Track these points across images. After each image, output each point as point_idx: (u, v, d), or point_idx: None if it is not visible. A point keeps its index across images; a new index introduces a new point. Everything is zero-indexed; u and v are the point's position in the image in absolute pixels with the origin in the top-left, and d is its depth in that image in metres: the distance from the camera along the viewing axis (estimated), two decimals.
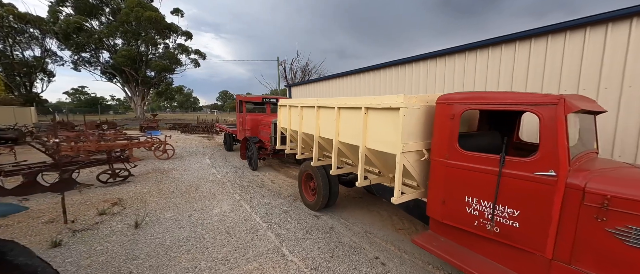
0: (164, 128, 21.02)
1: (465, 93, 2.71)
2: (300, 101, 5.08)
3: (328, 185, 4.70)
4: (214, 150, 11.63)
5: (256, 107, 9.62)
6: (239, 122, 9.60)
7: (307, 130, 4.88)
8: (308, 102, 4.83)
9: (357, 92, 10.24)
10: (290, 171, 7.99)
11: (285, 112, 5.78)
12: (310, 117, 4.75)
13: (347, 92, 10.66)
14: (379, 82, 9.59)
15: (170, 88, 37.38)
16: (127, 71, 31.01)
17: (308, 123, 4.84)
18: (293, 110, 5.40)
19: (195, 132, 18.30)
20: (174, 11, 34.07)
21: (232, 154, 10.65)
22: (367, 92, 9.97)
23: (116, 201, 4.82)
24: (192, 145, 12.69)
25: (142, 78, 31.90)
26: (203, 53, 35.37)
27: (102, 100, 78.05)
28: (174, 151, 9.19)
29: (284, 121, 5.89)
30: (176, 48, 34.35)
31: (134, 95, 33.20)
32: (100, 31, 30.18)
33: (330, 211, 4.86)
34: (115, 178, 5.89)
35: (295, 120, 5.28)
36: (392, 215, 4.85)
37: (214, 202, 4.95)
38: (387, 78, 9.32)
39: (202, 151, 11.19)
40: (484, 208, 2.48)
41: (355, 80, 10.40)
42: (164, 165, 8.07)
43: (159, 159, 8.84)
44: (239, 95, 9.26)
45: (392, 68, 8.94)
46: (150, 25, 30.31)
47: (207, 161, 9.05)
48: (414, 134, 2.99)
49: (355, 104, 3.55)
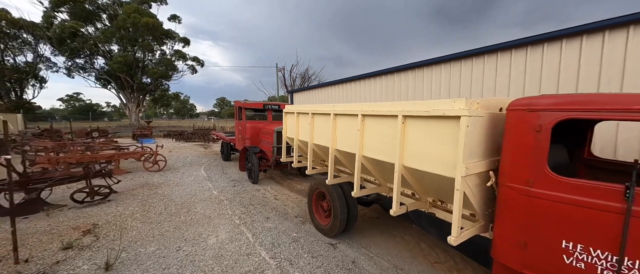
0: (158, 135, 20.03)
1: (556, 96, 1.96)
2: (312, 107, 4.31)
3: (346, 207, 3.90)
4: (211, 159, 10.75)
5: (256, 114, 8.83)
6: (237, 130, 8.78)
7: (320, 142, 4.10)
8: (322, 108, 4.06)
9: (367, 98, 9.53)
10: (295, 185, 7.16)
11: (292, 119, 5.00)
12: (324, 126, 3.98)
13: (354, 97, 9.96)
14: (391, 86, 8.90)
15: (166, 94, 36.42)
16: (123, 77, 30.06)
17: (321, 134, 4.07)
18: (302, 117, 4.63)
19: (191, 140, 17.37)
20: (171, 17, 33.40)
21: (230, 164, 9.78)
22: (378, 97, 9.26)
23: (89, 228, 3.93)
24: (187, 155, 11.78)
25: (137, 84, 30.94)
26: (201, 60, 34.67)
27: (98, 107, 76.53)
28: (165, 162, 8.30)
29: (290, 130, 5.10)
30: (173, 55, 33.59)
31: (128, 102, 32.17)
32: (96, 37, 29.33)
33: (348, 237, 4.04)
34: (94, 196, 5.00)
35: (305, 129, 4.50)
36: (420, 242, 4.05)
37: (209, 228, 4.09)
38: (399, 83, 8.63)
39: (198, 161, 10.30)
40: (599, 261, 1.70)
41: (362, 85, 9.70)
42: (153, 179, 7.17)
43: (149, 171, 7.94)
44: (238, 102, 8.47)
45: (410, 71, 8.28)
46: (147, 32, 29.56)
47: (202, 173, 8.18)
48: (476, 151, 2.23)
49: (389, 111, 2.79)
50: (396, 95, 8.69)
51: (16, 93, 30.43)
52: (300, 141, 4.78)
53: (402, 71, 8.45)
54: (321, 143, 4.08)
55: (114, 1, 30.61)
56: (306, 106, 4.60)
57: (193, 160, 10.55)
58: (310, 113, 4.25)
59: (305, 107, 4.51)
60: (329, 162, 3.87)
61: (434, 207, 3.07)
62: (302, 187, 6.95)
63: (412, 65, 8.03)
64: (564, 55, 4.91)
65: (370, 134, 3.13)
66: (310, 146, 4.34)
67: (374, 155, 3.10)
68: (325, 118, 3.95)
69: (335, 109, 3.71)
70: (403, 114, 2.61)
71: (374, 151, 3.10)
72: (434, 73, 7.69)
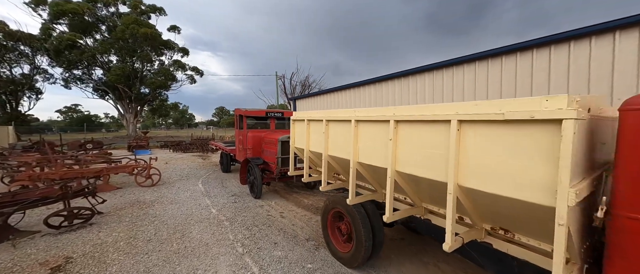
0: (155, 146, 19.28)
1: None
2: (326, 113, 3.68)
3: (371, 231, 3.23)
4: (209, 171, 10.04)
5: (258, 123, 8.20)
6: (238, 140, 8.12)
7: (337, 153, 3.46)
8: (340, 114, 3.44)
9: (378, 103, 8.96)
10: (301, 199, 6.47)
11: (301, 128, 4.37)
12: (342, 134, 3.35)
13: (361, 103, 9.38)
14: (405, 90, 8.34)
15: (165, 104, 35.82)
16: (121, 88, 29.50)
17: (339, 144, 3.43)
18: (314, 125, 3.99)
19: (189, 150, 16.64)
20: (171, 28, 33.18)
21: (230, 176, 9.07)
22: (391, 102, 8.68)
23: (60, 264, 3.21)
24: (184, 166, 11.06)
25: (135, 95, 30.35)
26: (200, 70, 34.27)
27: (96, 118, 75.71)
28: (160, 176, 7.59)
29: (299, 139, 4.46)
30: (172, 65, 33.16)
31: (126, 112, 31.49)
32: (95, 48, 28.90)
33: (371, 266, 3.35)
34: (73, 220, 4.29)
35: (318, 139, 3.86)
36: (457, 270, 3.37)
37: (207, 260, 3.37)
38: (415, 86, 8.09)
39: (195, 173, 9.58)
40: None
41: (371, 90, 9.13)
42: (145, 195, 6.45)
43: (142, 187, 7.22)
44: (239, 109, 7.85)
45: (429, 72, 7.76)
46: (145, 42, 29.20)
47: (200, 187, 7.46)
48: (580, 169, 1.60)
49: (437, 115, 2.17)
50: (419, 99, 8.13)
51: (11, 105, 29.70)
52: (312, 152, 4.12)
53: (418, 73, 7.92)
54: (339, 156, 3.43)
55: (113, 13, 30.37)
56: (319, 112, 3.96)
57: (190, 172, 9.82)
58: (325, 121, 3.62)
59: (318, 113, 3.88)
60: (350, 178, 3.21)
61: (490, 236, 2.41)
62: (310, 202, 6.25)
63: (436, 65, 7.51)
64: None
65: (408, 144, 2.50)
66: (324, 158, 3.68)
67: (414, 170, 2.45)
68: (343, 126, 3.32)
69: (356, 115, 3.09)
70: (459, 118, 1.98)
71: (413, 166, 2.46)
72: (457, 74, 7.17)
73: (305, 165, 4.25)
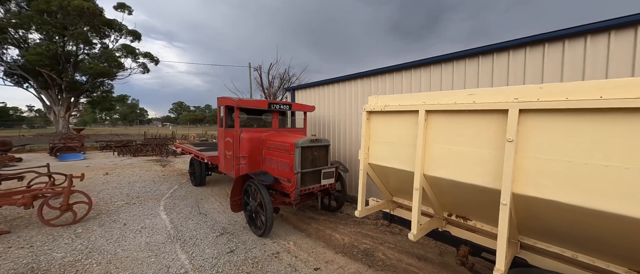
0: (92, 147, 14.72)
1: None
2: (454, 95, 1.55)
3: None
4: (173, 185, 7.01)
5: (254, 119, 5.60)
6: (223, 143, 5.42)
7: (468, 178, 1.36)
8: (487, 96, 1.34)
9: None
10: (331, 234, 4.19)
11: (382, 126, 2.17)
12: (482, 141, 1.28)
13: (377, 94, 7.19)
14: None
15: (108, 96, 29.37)
16: (45, 73, 22.88)
17: (472, 160, 1.34)
18: (406, 120, 1.86)
19: (142, 154, 12.75)
20: (119, 6, 27.00)
21: (206, 192, 6.27)
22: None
23: None
24: (135, 179, 7.74)
25: (67, 83, 23.92)
26: (155, 57, 28.74)
27: (15, 111, 61.42)
28: (90, 204, 4.46)
29: (380, 152, 2.23)
30: (120, 49, 27.11)
31: (54, 105, 24.75)
32: (7, 20, 21.86)
33: None
34: None
35: (406, 149, 1.70)
36: None
37: None
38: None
39: (153, 190, 6.50)
40: None
41: (393, 79, 6.97)
42: (56, 251, 3.45)
43: (52, 227, 4.08)
44: (226, 99, 5.16)
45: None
46: (80, 19, 23.11)
47: (163, 220, 4.62)
48: None
49: None
50: None
51: None
52: (401, 171, 1.95)
53: None
54: (475, 182, 1.38)
55: None
56: (418, 95, 1.83)
57: (145, 188, 6.67)
58: (429, 111, 1.48)
59: (434, 97, 1.74)
60: (501, 220, 1.16)
61: None
62: (347, 239, 4.00)
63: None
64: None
65: None
66: (421, 182, 1.54)
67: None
68: (495, 120, 1.24)
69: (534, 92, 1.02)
70: None
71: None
72: None
73: (415, 204, 1.99)
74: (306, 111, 5.92)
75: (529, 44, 3.51)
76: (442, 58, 4.45)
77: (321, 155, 4.43)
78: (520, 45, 3.58)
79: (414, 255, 3.57)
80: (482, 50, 3.98)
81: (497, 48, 3.82)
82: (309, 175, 4.23)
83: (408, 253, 3.64)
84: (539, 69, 3.45)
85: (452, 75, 4.37)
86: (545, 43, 3.37)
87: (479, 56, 4.04)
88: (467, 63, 4.18)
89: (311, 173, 4.23)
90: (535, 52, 3.48)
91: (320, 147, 4.38)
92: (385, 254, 3.59)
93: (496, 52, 3.85)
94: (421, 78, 4.82)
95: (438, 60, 4.49)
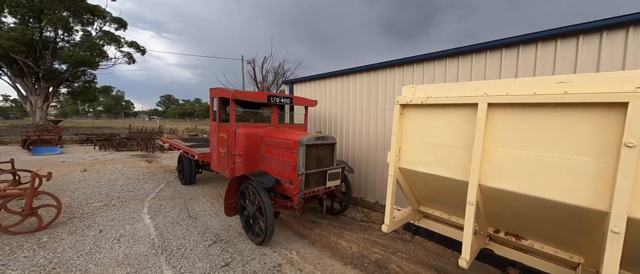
0: (72, 140, 13.69)
1: None
2: (531, 83, 1.12)
3: None
4: (159, 183, 6.40)
5: (251, 113, 5.08)
6: (216, 139, 4.88)
7: (554, 193, 1.01)
8: (590, 83, 0.93)
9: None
10: (337, 242, 3.77)
11: (419, 122, 1.74)
12: (577, 145, 0.96)
13: (385, 90, 6.74)
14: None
15: (91, 87, 27.74)
16: (20, 60, 21.22)
17: (559, 170, 1.02)
18: (456, 115, 1.46)
19: (126, 148, 11.92)
20: None
21: (196, 192, 5.72)
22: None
23: None
24: (117, 176, 7.06)
25: (45, 71, 22.32)
26: (141, 47, 27.29)
27: None
28: (59, 207, 3.83)
29: (415, 154, 1.80)
30: (103, 37, 25.50)
31: (30, 95, 23.09)
32: None
33: None
34: None
35: (479, 153, 1.29)
36: None
37: None
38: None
39: (136, 190, 5.88)
40: None
41: (402, 74, 6.56)
42: (13, 263, 2.87)
43: (11, 235, 3.46)
44: (220, 90, 4.61)
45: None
46: (59, 1, 21.50)
47: (146, 224, 4.06)
48: None
49: None
50: None
51: None
52: (451, 179, 1.52)
53: None
54: (558, 199, 0.95)
55: None
56: (477, 84, 1.40)
57: (127, 187, 6.04)
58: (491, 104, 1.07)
59: (476, 87, 1.32)
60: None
61: None
62: (356, 247, 3.60)
63: None
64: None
65: None
66: (477, 195, 1.14)
67: None
68: (601, 117, 0.85)
69: None
70: None
71: None
72: None
73: (469, 221, 1.58)
74: (307, 106, 5.44)
75: None
76: (461, 51, 4.07)
77: (327, 154, 3.98)
78: None
79: (432, 267, 3.21)
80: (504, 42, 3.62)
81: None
82: (314, 176, 3.79)
83: (424, 264, 3.28)
84: None
85: (485, 67, 3.95)
86: None
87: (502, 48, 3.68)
88: (504, 52, 3.76)
89: (316, 174, 3.79)
90: None
91: (326, 145, 3.94)
92: (399, 266, 3.21)
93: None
94: (435, 72, 4.43)
95: (455, 52, 4.11)
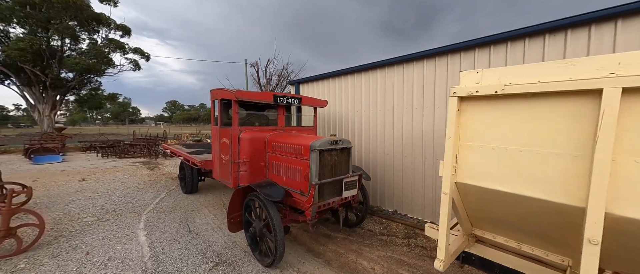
0: (76, 148, 13.48)
1: None
2: None
3: None
4: (160, 192, 5.98)
5: (255, 116, 4.63)
6: (218, 144, 4.42)
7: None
8: None
9: (418, 89, 6.05)
10: (357, 261, 3.25)
11: (489, 121, 1.20)
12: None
13: (398, 88, 6.12)
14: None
15: (97, 94, 27.83)
16: (28, 69, 21.35)
17: None
18: (555, 109, 0.93)
19: (129, 155, 11.60)
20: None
21: (198, 202, 5.26)
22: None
23: None
24: (116, 185, 6.67)
25: (52, 79, 22.41)
26: (146, 53, 27.30)
27: (2, 110, 59.02)
28: (42, 227, 3.40)
29: (481, 165, 1.26)
30: (108, 45, 25.58)
31: (38, 103, 23.19)
32: None
33: None
34: None
35: (605, 166, 0.76)
36: None
37: None
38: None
39: (135, 201, 5.46)
40: None
41: (416, 69, 5.97)
42: None
43: None
44: (222, 91, 4.17)
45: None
46: (66, 12, 21.64)
47: (139, 244, 3.61)
48: None
49: None
50: None
51: None
52: (527, 199, 0.98)
53: None
54: None
55: None
56: (592, 60, 0.85)
57: (125, 198, 5.62)
58: None
59: (592, 64, 0.78)
60: None
61: None
62: (376, 267, 3.07)
63: None
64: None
65: None
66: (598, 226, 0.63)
67: None
68: None
69: None
70: None
71: None
72: None
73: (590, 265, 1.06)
74: (317, 106, 4.96)
75: None
76: (476, 43, 3.55)
77: (342, 160, 3.48)
78: None
79: None
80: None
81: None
82: (328, 186, 3.29)
83: None
84: None
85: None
86: None
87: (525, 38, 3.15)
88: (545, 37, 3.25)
89: (331, 183, 3.29)
90: None
91: (341, 150, 3.44)
92: None
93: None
94: (448, 69, 3.92)
95: (471, 45, 3.59)
